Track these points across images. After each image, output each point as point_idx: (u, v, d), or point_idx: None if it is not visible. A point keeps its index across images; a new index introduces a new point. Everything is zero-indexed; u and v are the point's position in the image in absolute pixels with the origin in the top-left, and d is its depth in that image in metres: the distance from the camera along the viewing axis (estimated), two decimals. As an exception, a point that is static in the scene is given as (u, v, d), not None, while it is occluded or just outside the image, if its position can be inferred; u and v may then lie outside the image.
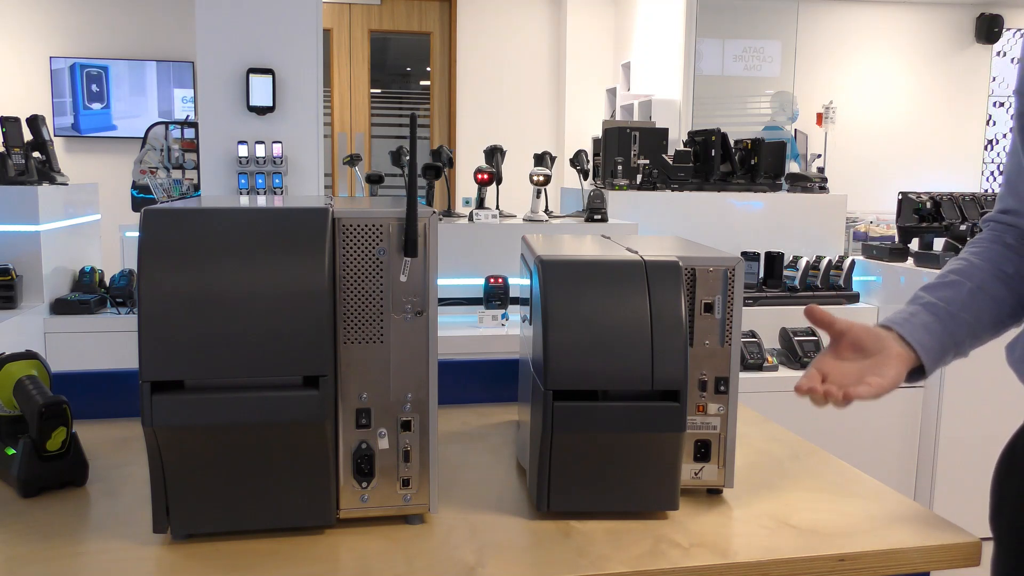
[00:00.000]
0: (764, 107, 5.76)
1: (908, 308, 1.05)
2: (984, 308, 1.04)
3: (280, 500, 0.91)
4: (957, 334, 1.03)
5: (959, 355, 1.05)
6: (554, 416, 0.94)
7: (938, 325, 1.02)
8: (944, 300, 1.04)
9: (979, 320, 1.04)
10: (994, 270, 1.06)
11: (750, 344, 2.97)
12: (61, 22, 5.88)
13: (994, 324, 1.06)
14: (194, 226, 0.87)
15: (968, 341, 1.04)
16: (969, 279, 1.06)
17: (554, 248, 1.04)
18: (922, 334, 1.01)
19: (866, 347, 0.99)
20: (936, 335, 1.01)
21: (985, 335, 1.06)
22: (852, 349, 1.00)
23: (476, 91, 6.45)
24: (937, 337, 1.01)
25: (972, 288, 1.05)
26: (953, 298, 1.04)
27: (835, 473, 1.14)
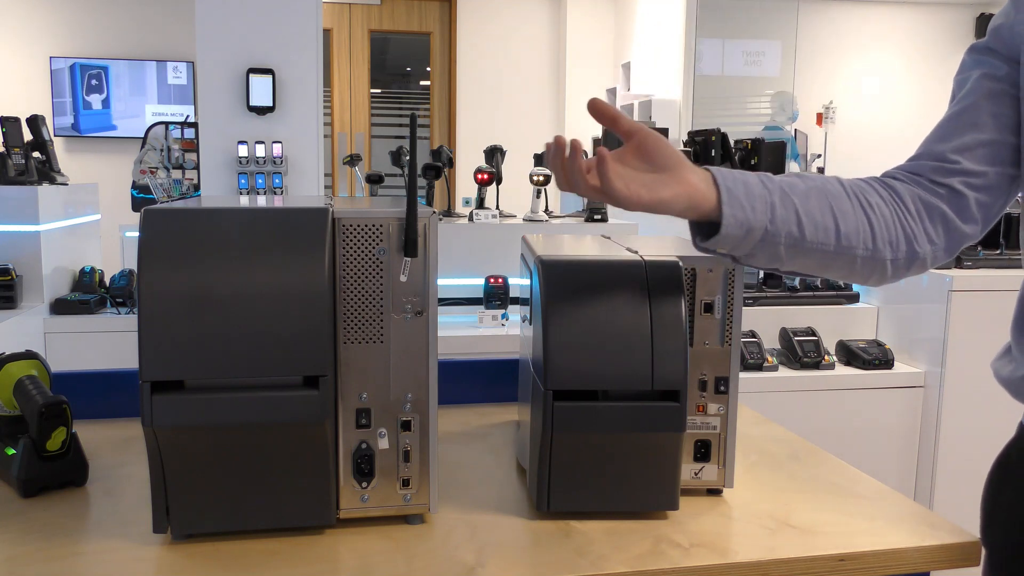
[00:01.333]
0: (764, 107, 5.76)
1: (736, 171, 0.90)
2: (820, 208, 0.89)
3: (280, 500, 0.91)
4: (778, 212, 0.87)
5: (773, 246, 0.89)
6: (554, 416, 0.94)
7: (760, 189, 0.88)
8: (782, 180, 0.90)
9: (809, 216, 0.89)
10: (850, 190, 0.93)
11: (750, 344, 2.97)
12: (61, 22, 5.88)
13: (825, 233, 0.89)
14: (194, 226, 0.87)
15: (789, 234, 0.88)
16: (816, 181, 0.92)
17: (554, 248, 1.04)
18: (737, 184, 0.87)
19: (654, 158, 0.85)
20: (753, 195, 0.87)
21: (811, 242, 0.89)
22: (637, 156, 0.86)
23: (476, 91, 6.45)
24: (751, 197, 0.87)
25: (815, 186, 0.91)
26: (791, 183, 0.90)
27: (835, 473, 1.14)
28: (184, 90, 6.02)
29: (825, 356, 2.99)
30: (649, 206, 0.84)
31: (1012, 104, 0.95)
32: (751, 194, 0.87)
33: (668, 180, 0.85)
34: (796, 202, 0.89)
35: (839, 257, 0.91)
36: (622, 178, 0.83)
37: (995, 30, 0.98)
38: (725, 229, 0.86)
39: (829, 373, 2.97)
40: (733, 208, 0.86)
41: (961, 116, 0.98)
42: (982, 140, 0.96)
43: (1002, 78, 0.96)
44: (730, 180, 0.87)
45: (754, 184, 0.88)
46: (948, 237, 0.96)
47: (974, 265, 2.95)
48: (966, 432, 2.93)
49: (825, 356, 2.99)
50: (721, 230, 0.87)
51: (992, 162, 0.96)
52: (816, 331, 3.06)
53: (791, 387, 2.93)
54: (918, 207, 0.95)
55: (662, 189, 0.84)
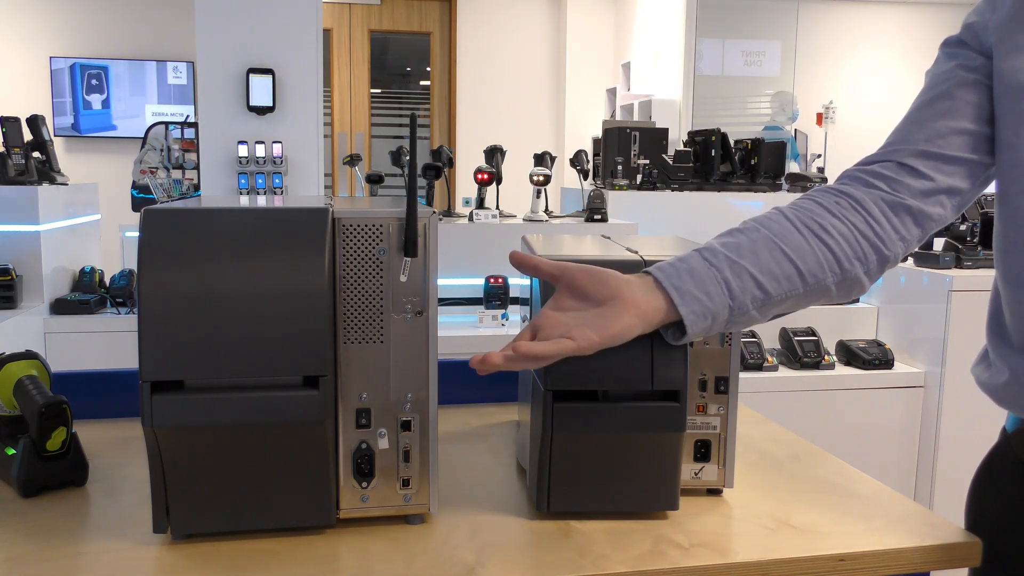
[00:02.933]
0: (764, 107, 5.76)
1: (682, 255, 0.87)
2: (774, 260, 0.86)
3: (280, 500, 0.91)
4: (735, 287, 0.84)
5: (742, 315, 0.86)
6: (554, 416, 0.94)
7: (708, 271, 0.84)
8: (726, 245, 0.86)
9: (766, 272, 0.85)
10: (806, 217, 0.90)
11: (750, 344, 2.97)
12: (61, 22, 5.89)
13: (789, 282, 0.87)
14: (194, 226, 0.87)
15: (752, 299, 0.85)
16: (761, 230, 0.88)
17: (554, 248, 1.04)
18: (684, 279, 0.83)
19: (587, 293, 0.83)
20: (704, 282, 0.83)
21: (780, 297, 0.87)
22: (571, 296, 0.84)
23: (476, 91, 6.45)
24: (704, 284, 0.83)
25: (761, 238, 0.87)
26: (737, 245, 0.86)
27: (835, 473, 1.14)
28: (184, 90, 6.02)
29: (825, 356, 2.99)
30: (605, 345, 0.81)
31: (984, 93, 0.95)
32: (700, 281, 0.84)
33: (613, 310, 0.81)
34: (747, 266, 0.85)
35: (812, 293, 0.89)
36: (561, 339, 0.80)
37: (968, 27, 0.98)
38: (690, 328, 0.84)
39: (829, 373, 2.98)
40: (690, 306, 0.83)
41: (933, 104, 0.98)
42: (953, 127, 0.95)
43: (976, 68, 0.96)
44: (675, 277, 0.84)
45: (700, 268, 0.85)
46: (918, 226, 0.95)
47: (974, 265, 2.95)
48: (966, 432, 2.93)
49: (825, 356, 2.99)
50: (687, 330, 0.84)
51: (962, 148, 0.95)
52: (816, 331, 3.06)
53: (791, 387, 2.93)
54: (882, 208, 0.93)
55: (611, 324, 0.81)
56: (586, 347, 0.81)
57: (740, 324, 0.88)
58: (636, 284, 0.84)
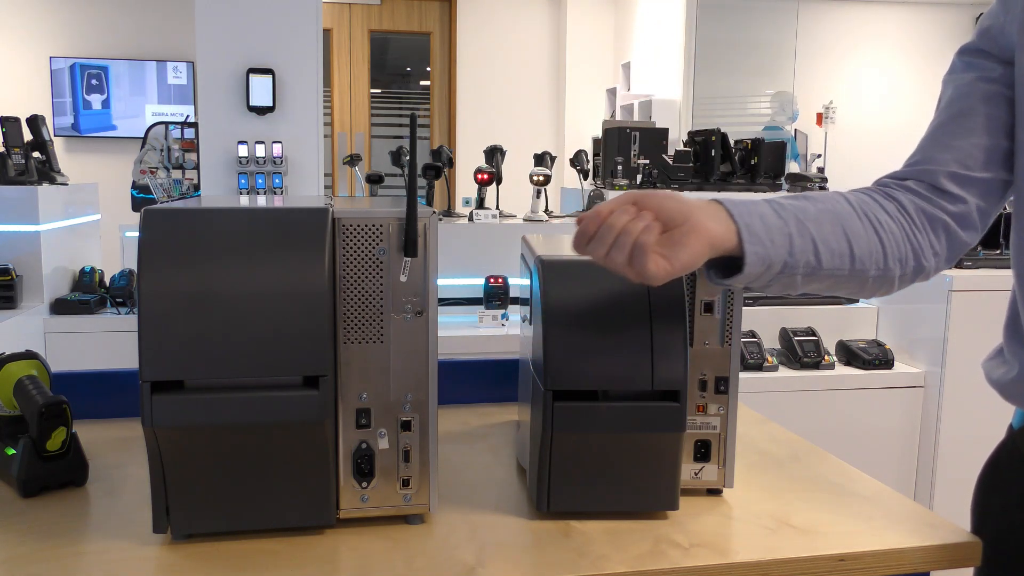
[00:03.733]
0: (764, 107, 5.76)
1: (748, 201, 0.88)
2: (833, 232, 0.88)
3: (280, 500, 0.91)
4: (796, 243, 0.86)
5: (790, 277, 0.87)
6: (554, 416, 0.94)
7: (777, 221, 0.86)
8: (792, 206, 0.88)
9: (824, 242, 0.87)
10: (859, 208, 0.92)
11: (750, 344, 2.97)
12: (61, 22, 5.89)
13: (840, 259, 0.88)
14: (194, 226, 0.87)
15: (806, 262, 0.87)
16: (824, 201, 0.90)
17: (554, 248, 1.04)
18: (755, 219, 0.85)
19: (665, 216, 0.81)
20: (771, 229, 0.85)
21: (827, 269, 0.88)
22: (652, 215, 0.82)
23: (476, 91, 6.45)
24: (770, 231, 0.84)
25: (826, 209, 0.90)
26: (802, 208, 0.88)
27: (835, 473, 1.14)
28: (184, 90, 6.02)
29: (825, 356, 2.99)
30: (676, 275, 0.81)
31: (1006, 107, 0.95)
32: (769, 227, 0.85)
33: (684, 235, 0.80)
34: (811, 230, 0.87)
35: (852, 279, 0.90)
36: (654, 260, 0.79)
37: (985, 31, 0.97)
38: (748, 268, 0.84)
39: (829, 373, 2.97)
40: (754, 245, 0.83)
41: (958, 120, 0.97)
42: (980, 145, 0.95)
43: (996, 79, 0.95)
44: (747, 215, 0.84)
45: (770, 216, 0.86)
46: (950, 247, 0.96)
47: (974, 265, 2.95)
48: (966, 432, 2.93)
49: (825, 356, 2.99)
50: (744, 269, 0.84)
51: (990, 167, 0.95)
52: (816, 331, 3.06)
53: (791, 387, 2.93)
54: (921, 219, 0.94)
55: (682, 253, 0.80)
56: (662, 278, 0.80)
57: (780, 285, 0.88)
58: (707, 210, 0.82)
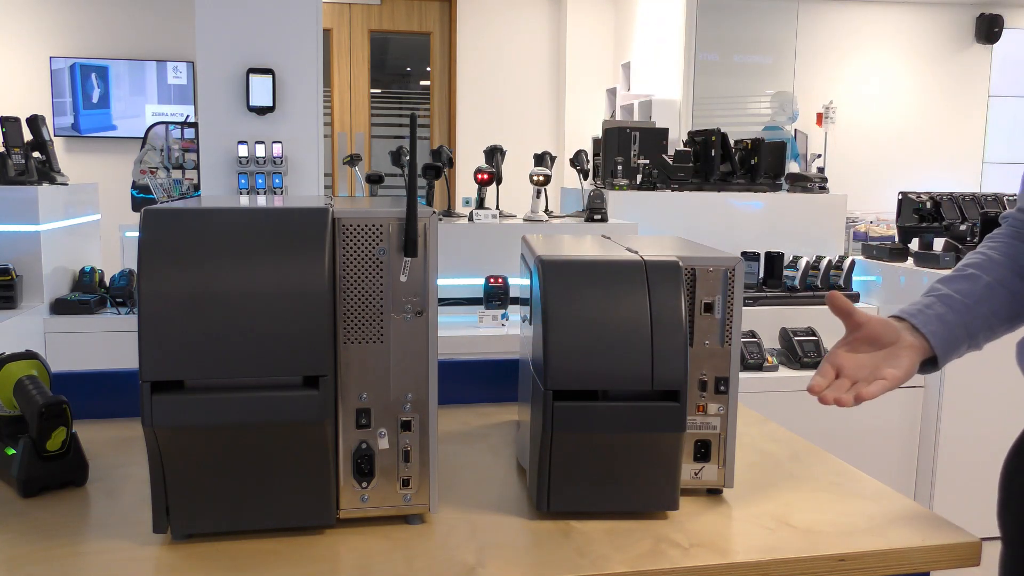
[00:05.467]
0: (764, 107, 5.76)
1: (923, 299, 1.05)
2: (1001, 302, 1.05)
3: (280, 500, 0.91)
4: (972, 326, 1.03)
5: (973, 347, 1.05)
6: (554, 416, 0.94)
7: (953, 316, 1.02)
8: (960, 292, 1.04)
9: (995, 313, 1.04)
10: (1012, 264, 1.07)
11: (750, 344, 2.97)
12: (61, 22, 5.88)
13: (1010, 318, 1.06)
14: (194, 226, 0.87)
15: (983, 334, 1.04)
16: (986, 272, 1.06)
17: (554, 248, 1.04)
18: (936, 324, 1.01)
19: (881, 339, 0.99)
20: (950, 326, 1.02)
21: (1001, 328, 1.06)
22: (867, 342, 1.00)
23: (476, 91, 6.45)
24: (951, 328, 1.02)
25: (989, 282, 1.05)
26: (969, 291, 1.05)
27: (835, 473, 1.14)
28: (184, 90, 6.02)
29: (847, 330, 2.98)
30: (904, 380, 0.98)
31: None
32: (948, 326, 1.01)
33: (900, 351, 0.99)
34: (981, 311, 1.03)
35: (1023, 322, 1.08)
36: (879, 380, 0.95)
37: None
38: (941, 363, 1.02)
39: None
40: (942, 348, 1.01)
41: None
42: None
43: None
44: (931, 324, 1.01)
45: (947, 315, 1.02)
46: None
47: (974, 265, 2.94)
48: (966, 432, 2.93)
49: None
50: (938, 365, 1.02)
51: None
52: (816, 331, 3.06)
53: (791, 387, 2.93)
54: None
55: (903, 362, 0.98)
56: (894, 385, 0.96)
57: (965, 353, 1.05)
58: (907, 330, 1.02)
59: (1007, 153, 6.62)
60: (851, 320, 1.01)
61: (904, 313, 1.03)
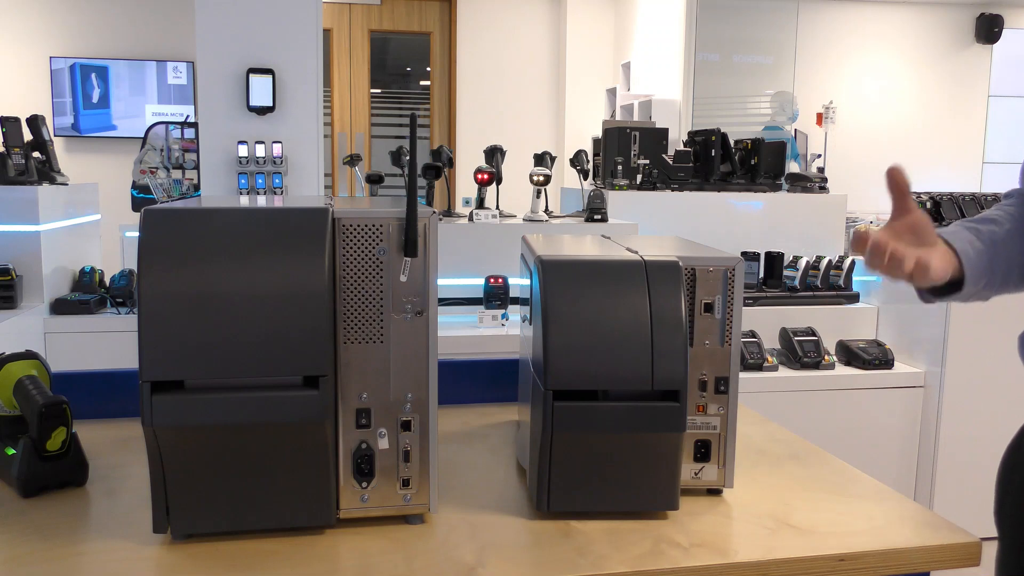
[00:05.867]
0: (764, 107, 5.75)
1: (953, 227, 1.05)
2: (1020, 251, 1.05)
3: (280, 500, 0.91)
4: (994, 263, 1.03)
5: (988, 288, 1.04)
6: (554, 416, 0.94)
7: (981, 245, 1.03)
8: (987, 231, 1.05)
9: (1010, 260, 1.05)
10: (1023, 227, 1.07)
11: (750, 344, 2.97)
12: (61, 22, 5.88)
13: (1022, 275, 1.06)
14: (194, 226, 0.87)
15: (999, 277, 1.04)
16: (1007, 222, 1.07)
17: (554, 248, 1.04)
18: (967, 247, 1.01)
19: (924, 234, 0.97)
20: (980, 253, 1.02)
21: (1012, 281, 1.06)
22: (911, 231, 0.97)
23: (476, 91, 6.45)
24: (980, 255, 1.02)
25: (1010, 229, 1.06)
26: (994, 232, 1.05)
27: (835, 473, 1.14)
28: (184, 90, 6.02)
29: (825, 356, 2.99)
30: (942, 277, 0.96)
31: None
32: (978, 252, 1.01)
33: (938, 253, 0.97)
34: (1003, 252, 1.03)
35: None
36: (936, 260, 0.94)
37: None
38: (966, 287, 1.01)
39: (829, 373, 2.97)
40: (971, 271, 1.00)
41: None
42: None
43: None
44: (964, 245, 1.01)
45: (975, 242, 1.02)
46: None
47: (974, 265, 2.94)
48: (966, 432, 2.93)
49: (825, 356, 2.99)
50: (963, 288, 1.01)
51: None
52: (816, 331, 3.06)
53: (791, 387, 2.93)
54: None
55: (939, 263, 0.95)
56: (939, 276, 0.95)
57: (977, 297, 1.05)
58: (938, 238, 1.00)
59: (1007, 153, 6.62)
60: (903, 201, 0.97)
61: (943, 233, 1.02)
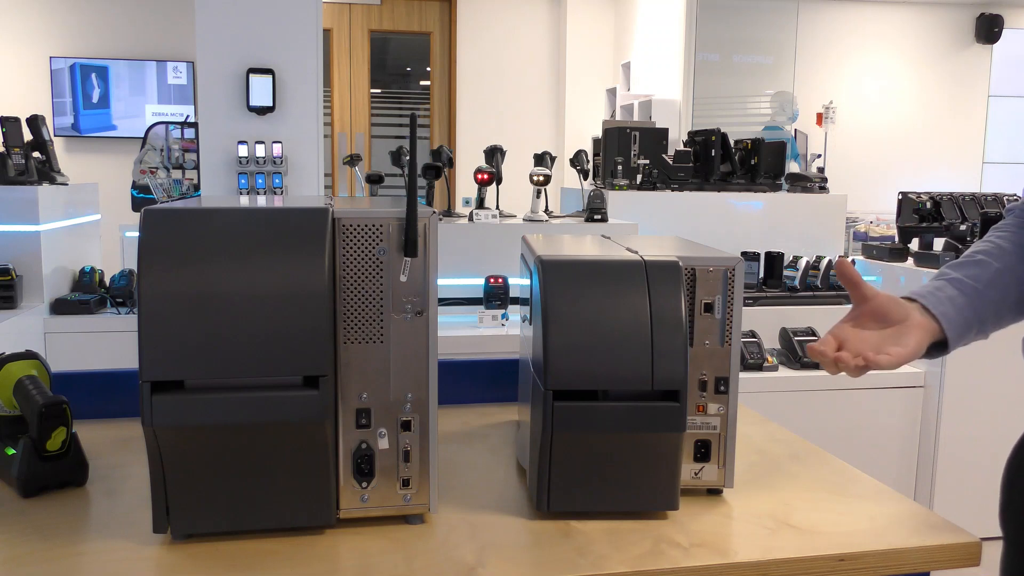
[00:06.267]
0: (764, 107, 5.76)
1: (934, 283, 1.03)
2: (1010, 289, 1.03)
3: (280, 500, 0.91)
4: (982, 311, 1.01)
5: (981, 334, 1.03)
6: (554, 416, 0.94)
7: (963, 300, 1.01)
8: (970, 277, 1.03)
9: (1004, 300, 1.03)
10: (1021, 252, 1.06)
11: (750, 344, 2.97)
12: (61, 22, 5.88)
13: (1018, 306, 1.04)
14: (194, 226, 0.87)
15: (991, 320, 1.03)
16: (996, 259, 1.05)
17: (554, 248, 1.04)
18: (947, 306, 1.00)
19: (889, 316, 0.97)
20: (961, 309, 1.00)
21: (1008, 316, 1.04)
22: (873, 318, 0.98)
23: (476, 91, 6.45)
24: (962, 311, 1.00)
25: (999, 268, 1.04)
26: (979, 276, 1.03)
27: (835, 473, 1.14)
28: (184, 90, 6.02)
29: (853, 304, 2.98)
30: (910, 359, 0.95)
31: None
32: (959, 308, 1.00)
33: (908, 329, 0.96)
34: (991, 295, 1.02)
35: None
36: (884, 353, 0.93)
37: None
38: (952, 347, 1.00)
39: (829, 373, 2.97)
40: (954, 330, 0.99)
41: None
42: None
43: None
44: (939, 305, 0.99)
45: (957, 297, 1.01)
46: None
47: (974, 265, 2.93)
48: (966, 432, 2.93)
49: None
50: (949, 348, 1.00)
51: None
52: (816, 331, 3.06)
53: (791, 387, 2.93)
54: None
55: (910, 341, 0.95)
56: (899, 363, 0.93)
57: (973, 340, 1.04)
58: (917, 310, 0.99)
59: (1007, 153, 6.63)
60: (858, 291, 0.98)
61: (914, 294, 1.01)
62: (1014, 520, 1.05)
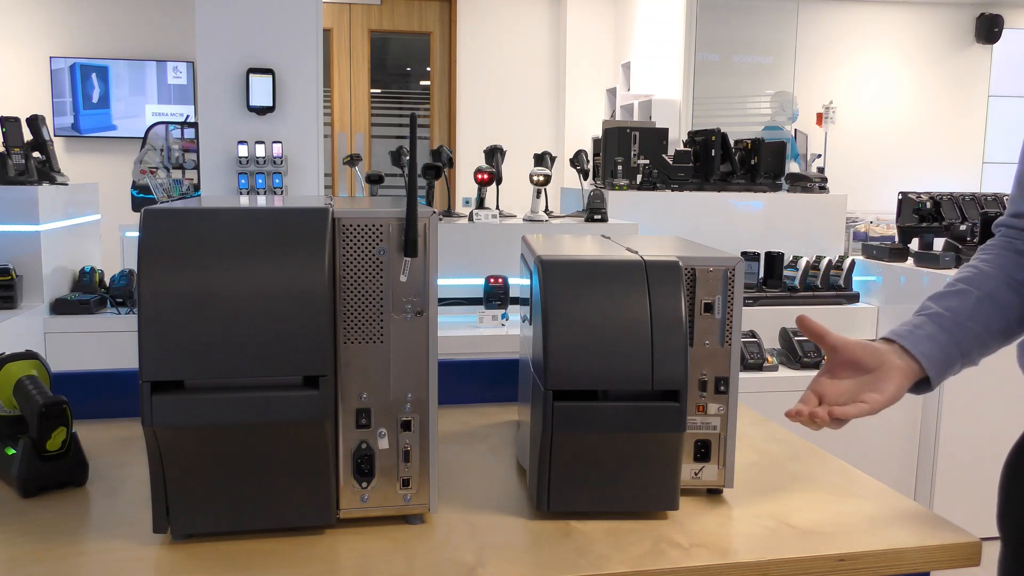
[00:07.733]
0: (764, 107, 5.76)
1: (913, 320, 1.03)
2: (993, 316, 1.02)
3: (280, 500, 0.91)
4: (964, 344, 1.01)
5: (968, 364, 1.03)
6: (554, 416, 0.94)
7: (944, 335, 1.00)
8: (950, 310, 1.02)
9: (988, 329, 1.02)
10: (1004, 277, 1.05)
11: (750, 344, 2.97)
12: (61, 22, 5.88)
13: (1004, 332, 1.04)
14: (194, 226, 0.87)
15: (977, 350, 1.02)
16: (977, 287, 1.04)
17: (554, 248, 1.04)
18: (926, 345, 0.99)
19: (863, 364, 0.98)
20: (941, 345, 1.00)
21: (994, 343, 1.04)
22: (847, 367, 0.98)
23: (476, 91, 6.45)
24: (942, 347, 1.00)
25: (980, 296, 1.03)
26: (960, 307, 1.03)
27: (835, 473, 1.14)
28: (184, 90, 6.02)
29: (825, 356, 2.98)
30: (888, 405, 0.96)
31: None
32: (939, 346, 0.99)
33: (886, 374, 0.97)
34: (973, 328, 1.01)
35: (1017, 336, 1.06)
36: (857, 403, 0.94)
37: None
38: (934, 384, 1.00)
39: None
40: (935, 368, 0.99)
41: None
42: None
43: None
44: (919, 344, 0.99)
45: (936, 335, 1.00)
46: None
47: (974, 265, 2.94)
48: (966, 432, 2.93)
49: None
50: (932, 386, 1.01)
51: None
52: (816, 331, 3.06)
53: (791, 387, 2.93)
54: None
55: (888, 386, 0.96)
56: (876, 410, 0.95)
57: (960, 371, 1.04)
58: (892, 352, 0.99)
59: (1007, 153, 6.62)
60: (824, 343, 0.99)
61: (893, 335, 1.01)
62: (1012, 521, 1.05)
